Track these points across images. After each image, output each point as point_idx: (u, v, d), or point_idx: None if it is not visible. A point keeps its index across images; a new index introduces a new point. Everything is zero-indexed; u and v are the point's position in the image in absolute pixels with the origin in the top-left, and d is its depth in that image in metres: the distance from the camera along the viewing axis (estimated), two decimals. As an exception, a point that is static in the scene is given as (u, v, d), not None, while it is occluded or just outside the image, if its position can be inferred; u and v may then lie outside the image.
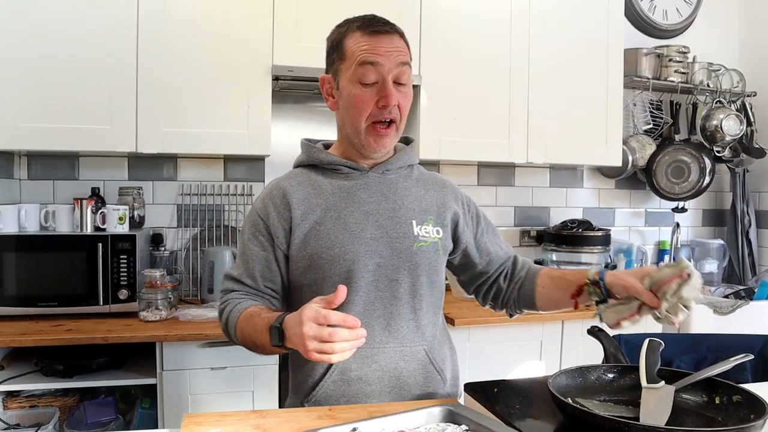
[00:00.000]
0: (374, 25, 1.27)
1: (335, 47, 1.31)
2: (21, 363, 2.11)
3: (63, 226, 2.28)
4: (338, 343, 1.01)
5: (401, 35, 1.30)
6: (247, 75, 2.36)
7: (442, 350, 1.39)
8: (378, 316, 1.28)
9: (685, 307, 1.06)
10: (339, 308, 1.25)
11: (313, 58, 2.34)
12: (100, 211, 2.30)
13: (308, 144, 1.41)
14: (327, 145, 1.42)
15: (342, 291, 1.04)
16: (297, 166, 1.42)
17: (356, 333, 1.02)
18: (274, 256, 1.31)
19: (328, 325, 1.01)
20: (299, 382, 1.34)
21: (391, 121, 1.28)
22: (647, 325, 2.54)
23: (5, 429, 1.95)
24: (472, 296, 1.53)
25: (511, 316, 1.48)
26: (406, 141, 1.46)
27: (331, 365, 1.27)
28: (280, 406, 2.12)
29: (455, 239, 1.41)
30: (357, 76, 1.26)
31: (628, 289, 1.13)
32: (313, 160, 1.37)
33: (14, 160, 2.49)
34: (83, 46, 2.21)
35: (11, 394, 2.05)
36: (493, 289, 1.46)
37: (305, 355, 1.03)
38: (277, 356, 2.13)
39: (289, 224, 1.29)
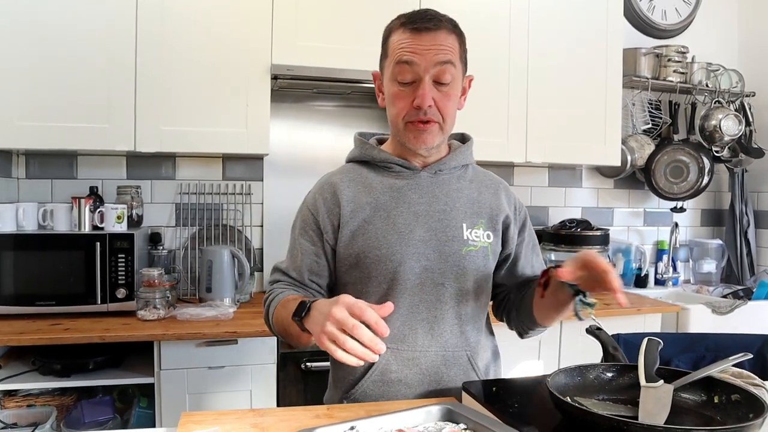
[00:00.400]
0: (417, 21, 1.22)
1: (383, 43, 1.29)
2: (18, 362, 2.11)
3: (61, 225, 2.28)
4: (352, 342, 0.96)
5: (451, 30, 1.25)
6: (246, 74, 2.36)
7: (486, 355, 1.36)
8: (422, 320, 1.27)
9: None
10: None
11: (312, 57, 2.36)
12: (98, 210, 2.29)
13: (362, 139, 1.39)
14: (380, 141, 1.40)
15: (389, 307, 1.00)
16: (349, 161, 1.40)
17: (376, 342, 0.96)
18: (323, 250, 1.30)
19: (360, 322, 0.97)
20: (339, 376, 1.33)
21: (432, 121, 1.25)
22: (645, 324, 2.56)
23: (3, 428, 1.95)
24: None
25: (521, 335, 1.41)
26: (463, 139, 1.43)
27: (372, 364, 1.25)
28: (277, 405, 2.12)
29: (503, 243, 1.37)
30: (395, 75, 1.24)
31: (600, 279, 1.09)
32: (366, 157, 1.35)
33: (12, 159, 2.48)
34: (82, 44, 2.21)
35: (8, 393, 2.05)
36: (504, 301, 1.42)
37: (316, 337, 1.01)
38: (275, 355, 2.13)
39: (338, 220, 1.28)
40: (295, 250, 1.33)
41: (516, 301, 1.38)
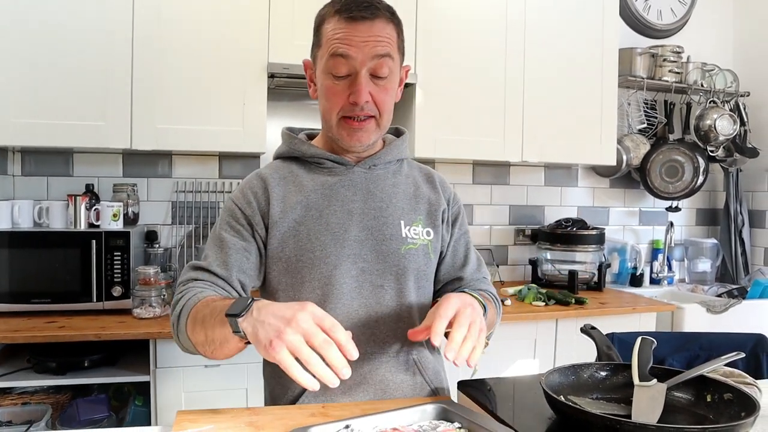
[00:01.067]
0: (353, 9, 1.13)
1: (315, 31, 1.21)
2: (13, 360, 2.10)
3: (57, 222, 2.28)
4: (317, 361, 0.85)
5: (389, 19, 1.16)
6: (243, 72, 2.36)
7: (432, 359, 1.29)
8: (362, 325, 1.18)
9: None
10: None
11: (308, 56, 2.35)
12: (94, 207, 2.29)
13: (289, 134, 1.30)
14: (311, 136, 1.32)
15: (356, 352, 0.89)
16: (277, 157, 1.31)
17: (343, 366, 0.86)
18: (253, 247, 1.19)
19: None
20: (277, 394, 1.24)
21: (369, 116, 1.17)
22: (640, 323, 2.57)
23: (-2, 426, 1.94)
24: None
25: None
26: (397, 132, 1.35)
27: (312, 376, 1.14)
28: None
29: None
30: (329, 68, 1.15)
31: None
32: (295, 152, 1.27)
33: (8, 156, 2.48)
34: (78, 42, 2.21)
35: (3, 391, 2.04)
36: None
37: (263, 345, 0.87)
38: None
39: (267, 218, 1.19)
40: (219, 245, 1.18)
41: None
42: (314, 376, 0.86)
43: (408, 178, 1.30)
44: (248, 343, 0.95)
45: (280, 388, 1.23)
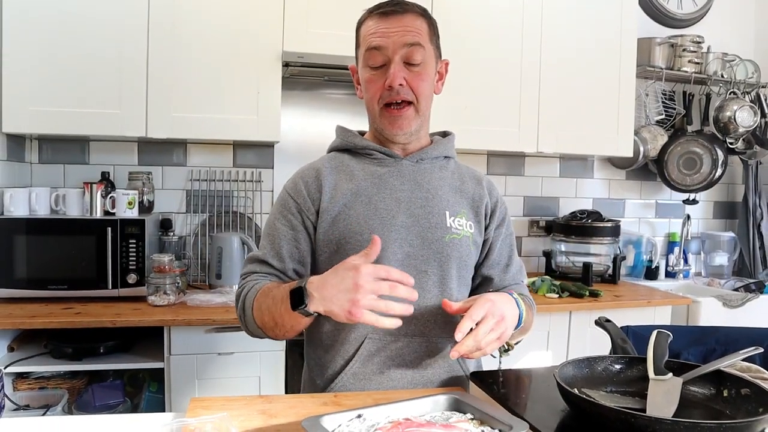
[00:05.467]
0: (384, 7, 1.24)
1: (356, 35, 1.30)
2: (31, 345, 2.13)
3: (73, 210, 2.29)
4: (394, 304, 0.98)
5: (419, 14, 1.26)
6: (257, 61, 2.36)
7: None
8: None
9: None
10: None
11: (323, 45, 2.34)
12: (109, 195, 2.31)
13: (343, 128, 1.38)
14: (362, 133, 1.39)
15: (377, 242, 1.02)
16: (331, 150, 1.39)
17: (411, 293, 1.00)
18: (304, 235, 1.26)
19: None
20: (314, 375, 1.29)
21: (405, 102, 1.24)
22: (655, 316, 2.54)
23: (15, 409, 1.97)
24: None
25: None
26: (444, 134, 1.43)
27: (353, 356, 1.22)
28: (285, 392, 2.14)
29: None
30: (366, 61, 1.25)
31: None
32: (348, 144, 1.34)
33: (25, 144, 2.50)
34: (94, 31, 2.21)
35: (21, 376, 2.07)
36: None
37: (346, 316, 1.00)
38: (284, 342, 2.14)
39: (318, 205, 1.26)
40: (272, 236, 1.27)
41: None
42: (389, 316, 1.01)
43: (454, 174, 1.36)
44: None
45: (318, 369, 1.30)
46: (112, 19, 2.22)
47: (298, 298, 1.04)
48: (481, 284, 1.38)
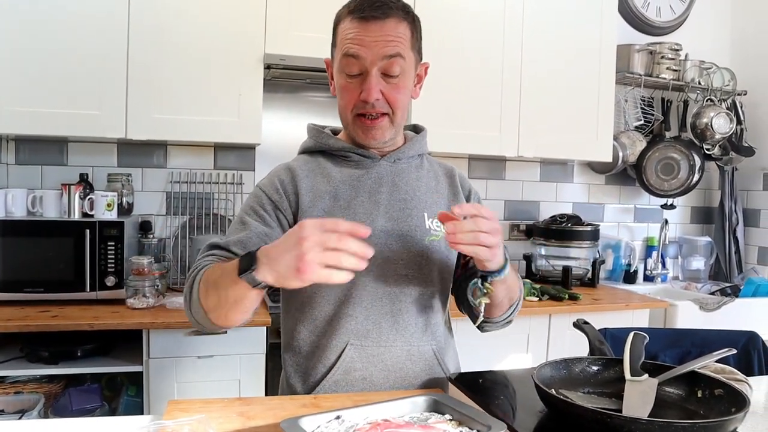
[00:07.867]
0: (365, 9, 1.16)
1: (333, 30, 1.24)
2: (6, 349, 2.10)
3: (50, 211, 2.26)
4: (345, 256, 0.89)
5: (402, 18, 1.18)
6: (239, 63, 2.35)
7: (450, 351, 1.34)
8: (385, 313, 1.21)
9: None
10: (344, 300, 1.19)
11: (305, 47, 2.34)
12: (88, 197, 2.28)
13: (316, 129, 1.34)
14: (335, 131, 1.35)
15: (366, 227, 0.93)
16: (303, 152, 1.35)
17: (364, 247, 0.91)
18: (278, 233, 1.19)
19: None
20: (294, 382, 1.25)
21: (380, 113, 1.20)
22: (633, 319, 2.57)
23: (-11, 414, 1.94)
24: None
25: (480, 329, 1.32)
26: (416, 129, 1.39)
27: (335, 364, 1.19)
28: (266, 395, 2.13)
29: None
30: (342, 67, 1.19)
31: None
32: (322, 146, 1.30)
33: (2, 145, 2.46)
34: (73, 30, 2.19)
35: (-4, 380, 2.04)
36: (460, 291, 1.33)
37: (295, 275, 0.90)
38: (265, 344, 2.13)
39: (295, 207, 1.22)
40: (241, 228, 1.19)
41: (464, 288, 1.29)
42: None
43: (429, 173, 1.34)
44: (264, 288, 0.98)
45: (299, 375, 1.25)
46: (92, 18, 2.20)
47: (246, 264, 0.96)
48: (467, 263, 1.34)
